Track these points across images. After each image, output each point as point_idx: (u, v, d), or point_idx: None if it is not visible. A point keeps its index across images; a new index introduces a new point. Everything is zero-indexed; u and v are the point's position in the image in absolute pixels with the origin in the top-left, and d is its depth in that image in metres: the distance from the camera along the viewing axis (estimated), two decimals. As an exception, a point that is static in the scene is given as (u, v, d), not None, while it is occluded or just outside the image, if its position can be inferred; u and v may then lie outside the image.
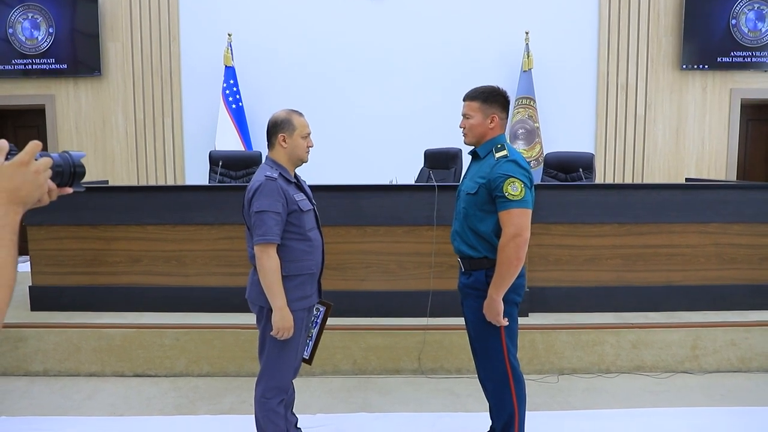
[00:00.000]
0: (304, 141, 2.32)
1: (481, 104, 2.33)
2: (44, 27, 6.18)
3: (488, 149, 2.32)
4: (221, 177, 5.02)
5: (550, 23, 6.22)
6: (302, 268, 2.28)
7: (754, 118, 6.83)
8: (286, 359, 2.32)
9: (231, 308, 3.80)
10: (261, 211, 2.17)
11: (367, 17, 6.24)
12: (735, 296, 3.90)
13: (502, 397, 2.36)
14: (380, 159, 5.94)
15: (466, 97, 2.39)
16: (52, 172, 0.97)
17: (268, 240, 2.17)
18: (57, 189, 1.01)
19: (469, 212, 2.30)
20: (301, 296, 2.29)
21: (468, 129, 2.36)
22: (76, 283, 3.91)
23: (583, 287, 3.85)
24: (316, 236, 2.35)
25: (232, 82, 6.05)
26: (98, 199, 3.89)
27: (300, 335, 2.34)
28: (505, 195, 2.16)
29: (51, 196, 0.98)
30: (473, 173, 2.37)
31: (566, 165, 4.77)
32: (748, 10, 6.13)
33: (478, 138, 2.35)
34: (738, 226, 3.88)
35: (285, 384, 2.36)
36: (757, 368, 3.62)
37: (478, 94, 2.35)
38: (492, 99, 2.34)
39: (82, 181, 1.07)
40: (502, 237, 2.19)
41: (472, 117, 2.34)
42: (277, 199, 2.19)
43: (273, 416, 2.34)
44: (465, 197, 2.33)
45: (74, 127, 6.38)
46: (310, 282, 2.33)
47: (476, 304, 2.31)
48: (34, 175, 0.92)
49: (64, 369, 3.58)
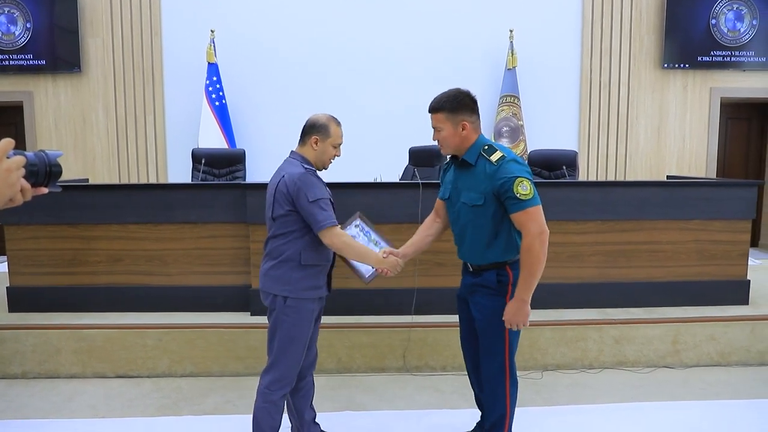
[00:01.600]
0: (333, 150, 2.41)
1: (447, 114, 2.25)
2: (21, 22, 6.07)
3: (475, 155, 2.24)
4: (204, 175, 4.97)
5: (534, 22, 6.25)
6: (320, 258, 2.36)
7: (733, 117, 6.94)
8: (294, 352, 2.35)
9: (214, 307, 3.77)
10: (316, 200, 2.26)
11: (350, 15, 6.21)
12: (715, 292, 3.95)
13: (496, 396, 2.36)
14: (365, 156, 5.91)
15: (430, 110, 2.30)
16: (26, 171, 0.95)
17: (332, 223, 2.28)
18: (31, 189, 0.98)
19: (479, 223, 2.23)
20: (313, 285, 2.36)
21: (441, 141, 2.29)
22: (55, 283, 3.85)
23: (566, 284, 3.88)
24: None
25: (215, 79, 6.00)
26: (78, 197, 3.82)
27: (309, 328, 2.37)
28: (516, 196, 2.11)
29: (25, 196, 0.96)
30: (469, 183, 2.26)
31: (550, 162, 4.80)
32: (728, 11, 6.22)
33: (455, 148, 2.28)
34: (718, 222, 3.93)
35: (290, 377, 2.37)
36: (736, 362, 3.68)
37: (442, 104, 2.27)
38: (457, 106, 2.25)
39: (58, 181, 1.05)
40: (526, 237, 2.14)
41: (442, 129, 2.27)
42: (323, 187, 2.33)
43: (272, 409, 2.35)
44: (470, 209, 2.24)
45: (53, 125, 6.27)
46: (322, 273, 2.40)
47: (485, 301, 2.30)
48: (5, 173, 0.89)
49: (43, 371, 3.52)
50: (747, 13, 6.22)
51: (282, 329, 2.33)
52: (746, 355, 3.69)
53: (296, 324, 2.33)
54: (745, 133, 7.06)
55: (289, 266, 2.31)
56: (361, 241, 2.50)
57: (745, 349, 3.69)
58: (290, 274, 2.31)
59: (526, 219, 2.13)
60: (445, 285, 3.42)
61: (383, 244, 2.58)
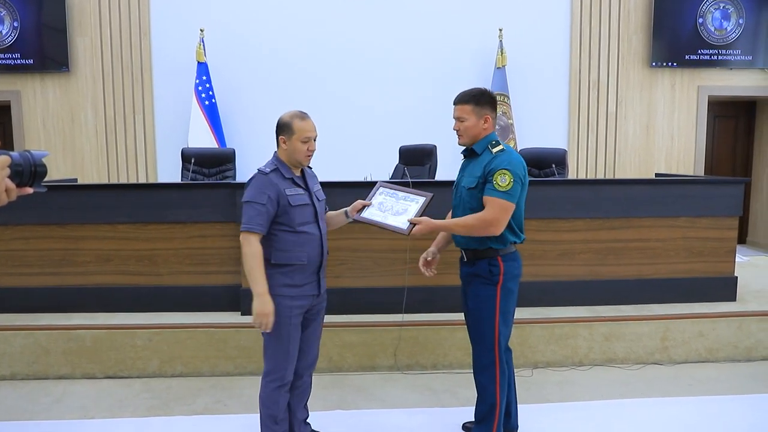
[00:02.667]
0: (303, 145, 2.37)
1: (474, 107, 2.43)
2: (8, 21, 6.01)
3: (483, 146, 2.44)
4: (194, 175, 4.95)
5: (524, 21, 6.28)
6: (291, 258, 2.36)
7: (720, 115, 7.00)
8: (278, 347, 2.38)
9: (204, 307, 3.76)
10: (246, 202, 2.32)
11: (340, 14, 6.21)
12: (703, 288, 3.98)
13: (486, 385, 2.47)
14: (355, 155, 5.92)
15: (458, 101, 2.47)
16: (10, 171, 0.94)
17: (248, 228, 2.30)
18: (16, 189, 0.97)
19: (473, 206, 2.40)
20: (288, 283, 2.36)
21: (463, 131, 2.45)
22: (43, 284, 3.82)
23: (556, 281, 3.90)
24: (311, 229, 2.41)
25: (205, 78, 5.97)
26: (66, 197, 3.79)
27: (290, 324, 2.37)
28: (493, 183, 2.31)
29: (9, 196, 0.95)
30: (471, 170, 2.46)
31: (540, 161, 4.82)
32: (714, 9, 6.28)
33: (473, 138, 2.46)
34: (706, 219, 3.97)
35: (280, 371, 2.40)
36: (724, 358, 3.72)
37: (470, 97, 2.44)
38: (483, 101, 2.44)
39: (43, 181, 1.04)
40: (479, 216, 2.32)
41: (466, 119, 2.43)
42: (263, 191, 2.31)
43: (267, 400, 2.41)
44: (466, 192, 2.44)
45: (42, 124, 6.22)
46: (300, 272, 2.38)
47: (477, 290, 2.46)
48: None
49: (32, 372, 3.50)
50: (733, 12, 6.28)
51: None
52: (734, 351, 3.73)
53: (281, 322, 2.34)
54: (733, 131, 7.13)
55: (266, 265, 2.33)
56: (388, 205, 2.55)
57: (732, 345, 3.72)
58: (266, 272, 2.32)
59: (490, 205, 2.32)
60: (436, 283, 3.42)
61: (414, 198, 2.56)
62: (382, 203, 2.59)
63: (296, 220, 2.35)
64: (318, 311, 2.54)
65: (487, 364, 2.46)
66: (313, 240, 2.41)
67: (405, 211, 2.51)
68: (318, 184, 2.56)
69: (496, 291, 2.42)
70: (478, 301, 2.46)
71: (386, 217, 2.53)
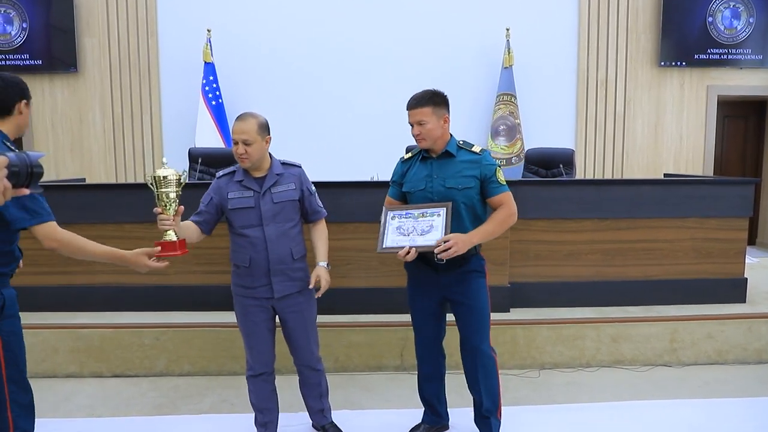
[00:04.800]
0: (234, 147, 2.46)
1: (432, 108, 2.46)
2: (18, 22, 6.05)
3: (454, 146, 2.51)
4: (201, 174, 4.96)
5: (531, 20, 6.25)
6: (236, 259, 2.50)
7: (730, 115, 6.94)
8: (245, 339, 2.56)
9: (211, 306, 3.76)
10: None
11: (347, 14, 6.21)
12: (712, 290, 3.95)
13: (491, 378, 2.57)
14: (361, 155, 5.91)
15: (415, 105, 2.48)
16: (7, 171, 0.94)
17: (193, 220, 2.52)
18: (13, 189, 0.97)
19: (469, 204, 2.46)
20: (238, 283, 2.51)
21: (425, 134, 2.46)
22: (51, 283, 3.84)
23: (563, 282, 3.88)
24: (253, 233, 2.43)
25: (212, 79, 5.99)
26: (75, 197, 3.81)
27: (249, 321, 2.50)
28: (498, 181, 2.46)
29: (5, 196, 0.95)
30: (453, 171, 2.47)
31: (547, 161, 4.80)
32: (725, 8, 6.23)
33: (435, 140, 2.48)
34: (714, 220, 3.93)
35: (251, 361, 2.57)
36: (733, 360, 3.69)
37: (427, 100, 2.47)
38: (440, 102, 2.49)
39: (40, 182, 1.03)
40: (505, 211, 2.46)
41: (427, 122, 2.45)
42: (209, 194, 2.52)
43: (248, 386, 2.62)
44: (459, 192, 2.45)
45: (50, 125, 6.26)
46: (249, 275, 2.46)
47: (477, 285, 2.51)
48: None
49: (40, 371, 3.51)
50: (743, 11, 6.23)
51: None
52: (743, 353, 3.69)
53: (238, 316, 2.55)
54: (742, 131, 7.07)
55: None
56: (408, 226, 2.44)
57: (742, 347, 3.69)
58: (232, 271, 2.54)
59: (507, 198, 2.48)
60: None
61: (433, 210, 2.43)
62: (400, 227, 2.47)
63: (236, 223, 2.46)
64: (292, 311, 2.53)
65: (490, 357, 2.56)
66: (255, 243, 2.42)
67: (431, 227, 2.40)
68: (292, 185, 2.50)
69: (486, 282, 2.56)
70: (479, 295, 2.52)
71: (414, 240, 2.40)
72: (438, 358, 2.70)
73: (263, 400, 2.60)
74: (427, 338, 2.66)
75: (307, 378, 2.67)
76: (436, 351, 2.69)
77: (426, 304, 2.60)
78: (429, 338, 2.66)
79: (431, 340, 2.66)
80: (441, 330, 2.68)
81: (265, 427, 2.62)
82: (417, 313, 2.65)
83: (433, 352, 2.68)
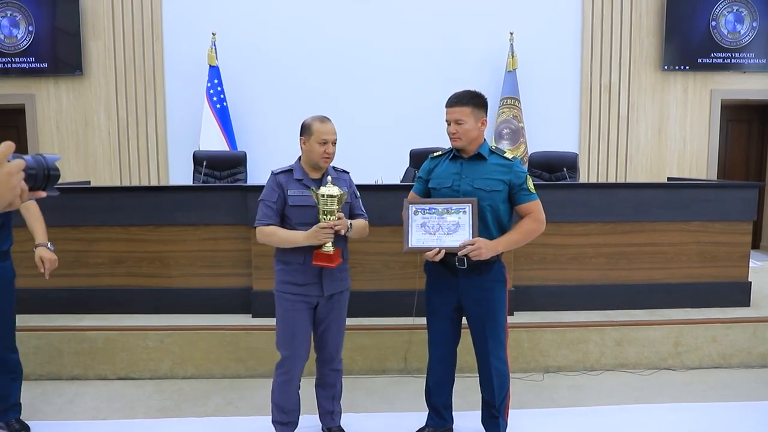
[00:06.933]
0: (320, 147, 2.44)
1: (472, 109, 2.43)
2: (24, 25, 6.08)
3: (487, 150, 2.50)
4: (205, 177, 4.98)
5: (534, 24, 6.26)
6: (290, 256, 2.48)
7: (733, 119, 6.94)
8: (282, 337, 2.53)
9: (215, 309, 3.77)
10: (260, 200, 2.52)
11: (352, 17, 6.23)
12: (716, 293, 3.95)
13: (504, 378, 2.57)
14: (366, 158, 5.91)
15: (456, 103, 2.45)
16: (25, 174, 0.94)
17: (258, 224, 2.49)
18: (29, 192, 0.98)
19: (496, 206, 2.44)
20: (288, 281, 2.49)
21: (462, 133, 2.43)
22: (57, 285, 3.83)
23: (567, 286, 3.88)
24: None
25: (216, 82, 6.01)
26: (80, 199, 3.83)
27: (293, 318, 2.49)
28: (529, 189, 2.46)
29: (22, 198, 0.95)
30: (483, 173, 2.45)
31: (551, 164, 4.81)
32: (728, 12, 6.23)
33: (470, 141, 2.46)
34: (719, 224, 3.93)
35: (285, 360, 2.54)
36: (737, 364, 3.68)
37: (468, 99, 2.44)
38: (480, 103, 2.47)
39: (56, 185, 1.04)
40: (534, 219, 2.46)
41: (465, 122, 2.42)
42: (273, 189, 2.48)
43: (274, 385, 2.59)
44: (487, 195, 2.42)
45: (55, 127, 6.29)
46: (301, 272, 2.47)
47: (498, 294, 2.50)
48: (6, 177, 0.89)
49: (45, 373, 3.53)
50: (747, 15, 6.23)
51: (277, 312, 2.56)
52: (748, 357, 3.69)
53: (279, 314, 2.53)
54: (746, 135, 7.06)
55: (274, 261, 2.55)
56: (434, 224, 2.42)
57: (746, 351, 3.68)
58: (275, 268, 2.54)
59: (537, 208, 2.47)
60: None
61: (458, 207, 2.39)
62: (425, 223, 2.42)
63: (294, 220, 2.46)
64: (334, 309, 2.58)
65: (503, 358, 2.56)
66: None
67: (457, 225, 2.37)
68: (345, 188, 2.54)
69: (506, 291, 2.54)
70: (496, 306, 2.49)
71: (441, 240, 2.38)
72: (450, 364, 2.68)
73: (291, 401, 2.60)
74: (443, 343, 2.63)
75: (326, 378, 2.69)
76: (450, 357, 2.66)
77: (443, 308, 2.58)
78: (444, 343, 2.63)
79: (446, 345, 2.63)
80: (456, 335, 2.65)
81: (287, 426, 2.62)
82: (434, 317, 2.63)
83: (446, 358, 2.66)
